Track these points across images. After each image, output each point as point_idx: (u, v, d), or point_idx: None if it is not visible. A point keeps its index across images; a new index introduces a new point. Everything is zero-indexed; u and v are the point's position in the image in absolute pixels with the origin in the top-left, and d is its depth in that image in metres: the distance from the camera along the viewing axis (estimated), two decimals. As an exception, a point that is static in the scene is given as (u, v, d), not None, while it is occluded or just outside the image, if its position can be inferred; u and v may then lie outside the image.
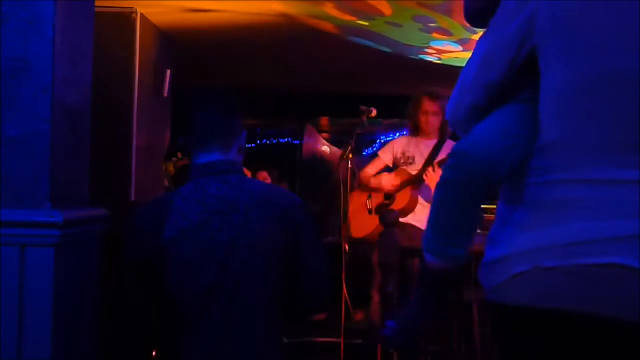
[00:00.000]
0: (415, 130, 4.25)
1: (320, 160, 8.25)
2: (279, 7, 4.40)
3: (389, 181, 4.20)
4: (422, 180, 4.08)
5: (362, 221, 4.10)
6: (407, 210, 4.05)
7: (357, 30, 5.12)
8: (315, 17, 4.75)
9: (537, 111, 1.30)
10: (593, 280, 1.16)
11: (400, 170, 4.24)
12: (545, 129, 1.28)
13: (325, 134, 9.42)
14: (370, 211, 4.14)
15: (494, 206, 1.48)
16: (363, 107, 4.07)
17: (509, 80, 1.35)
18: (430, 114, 4.16)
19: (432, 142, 4.20)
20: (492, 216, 1.53)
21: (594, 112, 1.22)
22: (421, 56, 5.94)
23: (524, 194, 1.30)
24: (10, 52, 1.98)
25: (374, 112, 4.11)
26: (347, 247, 3.94)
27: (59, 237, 1.96)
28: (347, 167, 4.00)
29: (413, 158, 4.23)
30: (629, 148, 1.19)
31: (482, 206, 1.41)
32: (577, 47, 1.24)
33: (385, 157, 4.32)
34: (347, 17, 4.75)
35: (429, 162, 4.12)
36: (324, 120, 9.60)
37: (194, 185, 1.92)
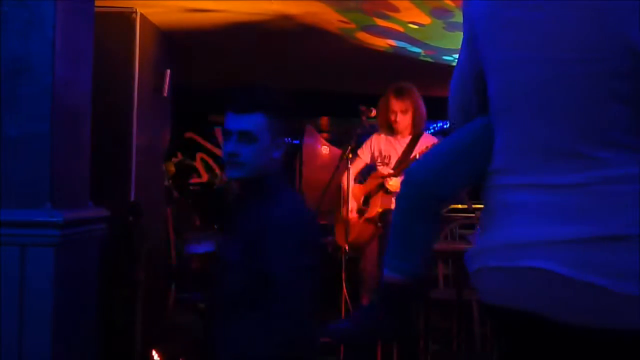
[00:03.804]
0: (389, 129, 4.24)
1: (320, 160, 8.25)
2: (279, 8, 4.39)
3: (356, 193, 4.23)
4: (387, 190, 4.10)
5: (344, 229, 4.07)
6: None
7: (388, 32, 5.06)
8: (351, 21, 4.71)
9: None
10: (525, 282, 1.22)
11: (371, 177, 4.27)
12: (494, 137, 1.34)
13: (325, 134, 9.41)
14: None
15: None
16: (363, 107, 4.07)
17: (483, 92, 1.39)
18: (399, 113, 4.13)
19: (407, 140, 4.20)
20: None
21: (512, 122, 1.28)
22: (455, 56, 5.89)
23: (483, 197, 1.37)
24: (11, 52, 1.99)
25: (373, 112, 4.10)
26: (347, 248, 3.93)
27: (59, 237, 1.96)
28: (347, 167, 4.00)
29: (389, 157, 4.24)
30: (549, 155, 1.23)
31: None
32: (497, 60, 1.30)
33: (364, 156, 4.32)
34: (374, 19, 4.71)
35: (401, 160, 4.14)
36: (324, 120, 9.59)
37: None
